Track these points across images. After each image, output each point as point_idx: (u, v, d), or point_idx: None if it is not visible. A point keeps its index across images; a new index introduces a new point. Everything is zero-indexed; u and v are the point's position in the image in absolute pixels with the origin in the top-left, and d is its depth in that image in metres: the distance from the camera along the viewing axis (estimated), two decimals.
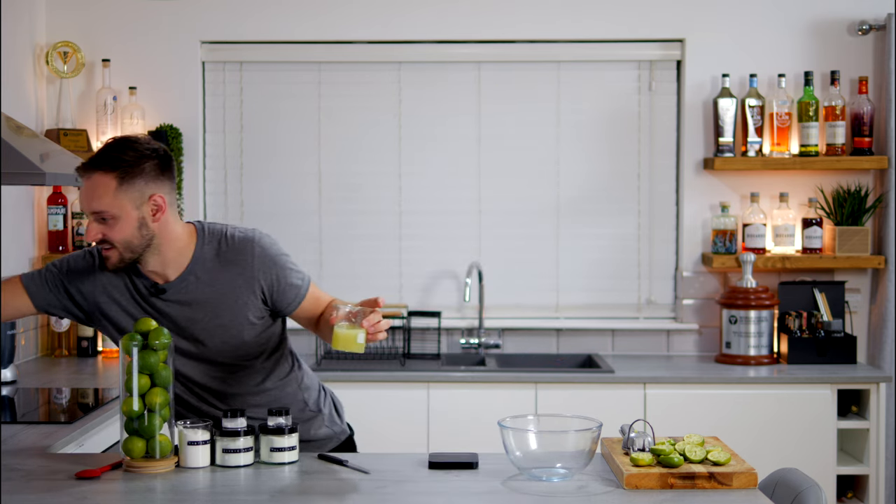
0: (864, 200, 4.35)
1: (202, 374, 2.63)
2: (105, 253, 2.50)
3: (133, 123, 4.38)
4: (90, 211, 2.45)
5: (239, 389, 2.65)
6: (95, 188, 2.44)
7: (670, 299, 4.55)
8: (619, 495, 2.25)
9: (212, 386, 2.65)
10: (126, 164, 2.44)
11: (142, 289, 2.57)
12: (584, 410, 2.93)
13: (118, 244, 2.47)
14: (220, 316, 2.57)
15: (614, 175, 4.53)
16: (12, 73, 4.13)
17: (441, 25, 4.47)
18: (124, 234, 2.46)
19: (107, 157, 2.45)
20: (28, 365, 4.14)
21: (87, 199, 2.45)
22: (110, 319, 2.61)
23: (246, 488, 2.30)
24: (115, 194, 2.43)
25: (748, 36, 4.44)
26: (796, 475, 2.44)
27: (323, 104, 4.52)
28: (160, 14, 4.46)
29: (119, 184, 2.43)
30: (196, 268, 2.56)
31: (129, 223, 2.46)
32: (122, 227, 2.46)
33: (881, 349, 4.31)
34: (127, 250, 2.48)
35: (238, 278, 2.56)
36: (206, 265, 2.56)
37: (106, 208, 2.44)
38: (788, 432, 3.98)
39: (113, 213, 2.44)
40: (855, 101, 4.36)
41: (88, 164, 2.45)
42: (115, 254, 2.49)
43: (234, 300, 2.57)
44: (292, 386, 2.72)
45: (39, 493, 2.26)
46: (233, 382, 2.64)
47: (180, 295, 2.56)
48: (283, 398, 2.70)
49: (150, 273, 2.56)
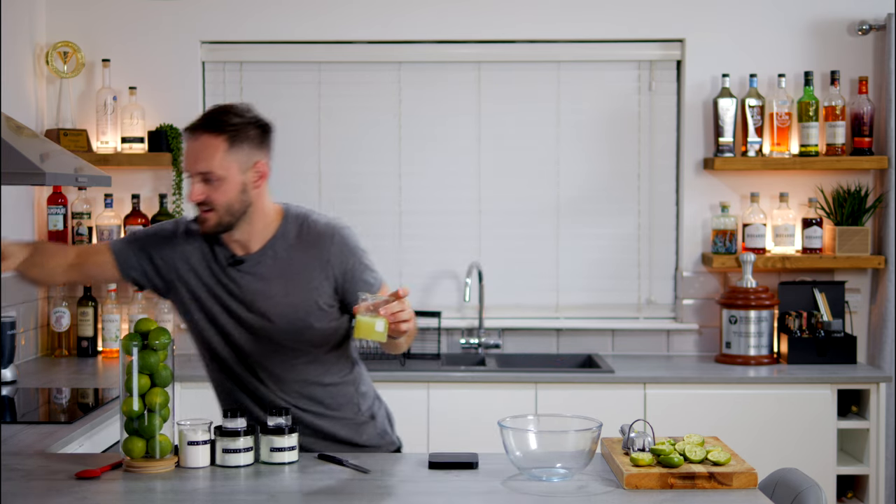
0: (864, 200, 4.35)
1: (263, 353, 2.61)
2: (204, 215, 2.52)
3: (133, 123, 4.38)
4: (197, 171, 2.48)
5: (297, 376, 2.63)
6: (205, 148, 2.47)
7: (670, 299, 4.55)
8: (619, 495, 2.25)
9: (272, 368, 2.62)
10: (235, 127, 2.49)
11: (220, 258, 2.60)
12: (584, 410, 2.92)
13: (220, 207, 2.50)
14: (292, 294, 2.58)
15: (614, 175, 4.53)
16: (12, 73, 4.13)
17: (441, 25, 4.47)
18: (228, 196, 2.49)
19: (217, 120, 2.49)
20: (28, 365, 4.14)
21: (194, 159, 2.48)
22: (187, 285, 2.62)
23: (246, 488, 2.30)
24: (224, 156, 2.47)
25: (748, 36, 4.44)
26: (796, 475, 2.44)
27: (323, 104, 4.52)
28: (160, 14, 4.46)
29: (228, 146, 2.48)
30: (277, 244, 2.59)
31: (233, 186, 2.49)
32: (227, 190, 2.49)
33: (881, 349, 4.31)
34: (227, 214, 2.51)
35: (315, 261, 2.58)
36: (287, 243, 2.59)
37: (215, 169, 2.47)
38: (788, 432, 3.98)
39: (220, 175, 2.47)
40: (855, 101, 4.36)
41: (198, 126, 2.50)
42: (214, 217, 2.51)
43: (308, 282, 2.58)
44: (350, 388, 2.70)
45: (39, 493, 2.26)
46: (292, 368, 2.62)
47: (257, 268, 2.58)
48: (339, 397, 2.68)
49: (233, 242, 2.59)
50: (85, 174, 3.14)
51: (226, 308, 2.60)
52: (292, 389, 2.63)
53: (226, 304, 2.60)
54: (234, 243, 2.60)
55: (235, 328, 2.60)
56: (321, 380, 2.65)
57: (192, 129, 2.51)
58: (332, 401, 2.67)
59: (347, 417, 2.69)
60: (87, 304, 4.39)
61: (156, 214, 4.41)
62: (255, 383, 2.63)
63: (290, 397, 2.63)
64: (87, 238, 4.39)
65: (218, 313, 2.61)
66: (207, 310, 2.61)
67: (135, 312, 4.39)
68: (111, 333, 4.38)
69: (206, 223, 2.52)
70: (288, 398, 2.62)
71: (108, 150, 4.39)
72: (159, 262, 2.65)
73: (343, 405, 2.68)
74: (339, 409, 2.68)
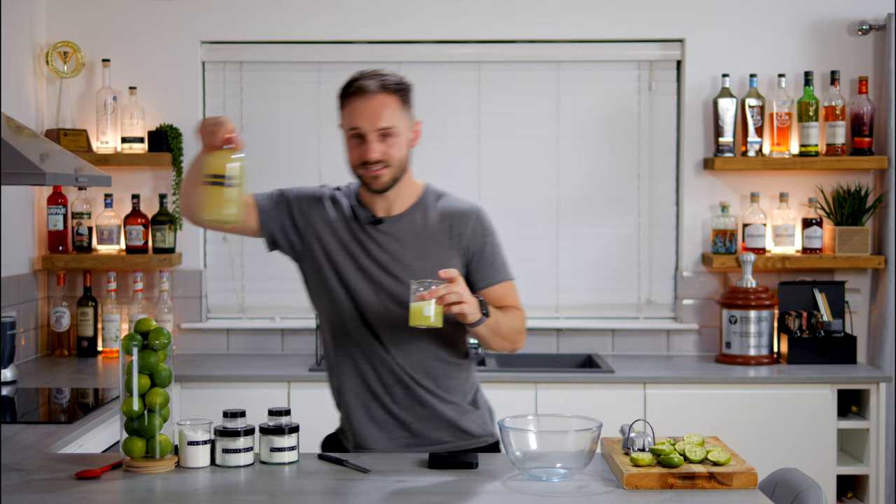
0: (864, 200, 4.35)
1: (390, 317, 2.63)
2: (378, 172, 2.60)
3: (133, 123, 4.38)
4: (377, 128, 2.57)
5: (419, 344, 2.65)
6: (384, 106, 2.58)
7: (670, 299, 4.55)
8: (619, 495, 2.25)
9: (395, 333, 2.63)
10: (402, 87, 2.63)
11: (361, 217, 2.68)
12: (584, 410, 2.92)
13: (394, 162, 2.60)
14: (425, 258, 2.63)
15: (614, 175, 4.53)
16: (12, 73, 4.13)
17: (441, 25, 4.47)
18: (401, 152, 2.62)
19: (386, 81, 2.61)
20: (28, 365, 4.14)
21: (375, 117, 2.57)
22: (322, 242, 2.67)
23: (246, 488, 2.30)
24: (400, 113, 2.61)
25: (748, 36, 4.44)
26: (796, 475, 2.44)
27: (323, 104, 4.52)
28: (160, 14, 4.46)
29: (400, 104, 2.61)
30: (418, 210, 2.68)
31: (404, 143, 2.62)
32: (400, 146, 2.61)
33: (881, 349, 4.31)
34: (398, 169, 2.62)
35: (450, 231, 2.66)
36: (426, 212, 2.68)
37: (395, 124, 2.59)
38: (788, 432, 3.98)
39: (397, 131, 2.59)
40: (855, 101, 4.36)
41: (371, 87, 2.59)
42: (389, 172, 2.61)
43: (442, 249, 2.65)
44: (463, 373, 2.73)
45: (39, 493, 2.26)
46: (416, 337, 2.64)
47: (395, 229, 2.66)
48: (451, 378, 2.70)
49: (376, 204, 2.67)
50: (85, 174, 3.14)
51: (359, 266, 2.65)
52: (413, 359, 2.66)
53: (360, 263, 2.65)
54: (377, 205, 2.68)
55: (366, 288, 2.64)
56: (440, 355, 2.68)
57: (364, 90, 2.59)
58: (445, 380, 2.68)
59: (455, 402, 2.70)
60: (87, 304, 4.39)
61: (156, 214, 4.41)
62: (379, 349, 2.65)
63: (409, 367, 2.65)
64: (87, 238, 4.39)
65: (349, 272, 2.65)
66: (340, 268, 2.65)
67: (135, 312, 4.39)
68: (111, 333, 4.38)
69: (380, 179, 2.61)
70: (407, 368, 2.65)
71: (108, 150, 4.39)
72: (298, 218, 2.70)
73: (453, 388, 2.70)
74: (449, 392, 2.69)
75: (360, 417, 2.68)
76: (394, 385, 2.65)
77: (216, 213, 2.45)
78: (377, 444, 2.66)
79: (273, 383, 4.01)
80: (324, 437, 2.84)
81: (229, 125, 2.45)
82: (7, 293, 4.05)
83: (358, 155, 2.61)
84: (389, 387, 2.65)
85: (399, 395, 2.66)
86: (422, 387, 2.66)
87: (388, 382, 2.64)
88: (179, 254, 4.46)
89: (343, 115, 2.65)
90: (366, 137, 2.58)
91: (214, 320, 4.56)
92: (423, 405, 2.67)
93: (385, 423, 2.67)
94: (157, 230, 4.39)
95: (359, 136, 2.60)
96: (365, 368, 2.66)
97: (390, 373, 2.65)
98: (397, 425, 2.67)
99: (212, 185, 2.43)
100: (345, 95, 2.64)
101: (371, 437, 2.67)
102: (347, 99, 2.63)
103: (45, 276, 4.44)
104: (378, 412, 2.67)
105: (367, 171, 2.60)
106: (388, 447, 2.66)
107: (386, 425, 2.67)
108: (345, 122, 2.64)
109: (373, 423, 2.67)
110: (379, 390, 2.66)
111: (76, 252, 4.40)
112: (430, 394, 2.67)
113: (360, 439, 2.68)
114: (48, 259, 4.33)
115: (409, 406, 2.66)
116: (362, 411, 2.67)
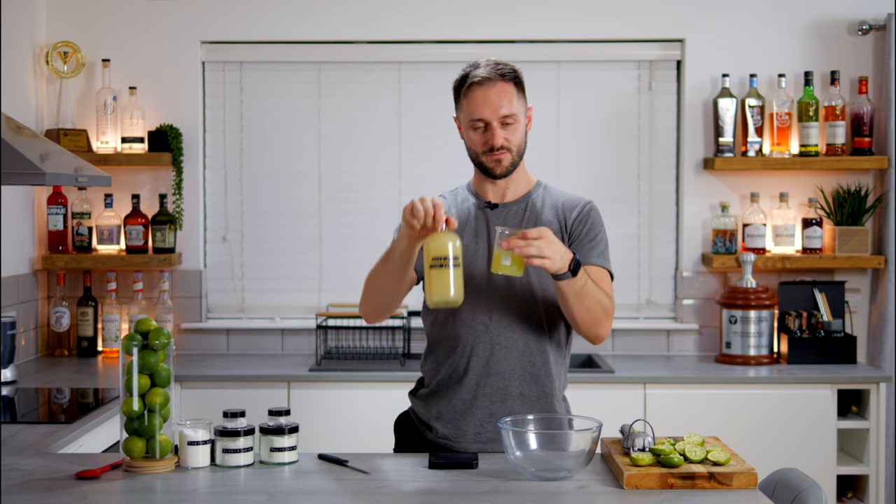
0: (864, 200, 4.35)
1: (498, 298, 2.66)
2: (500, 156, 2.67)
3: (133, 123, 4.38)
4: (499, 116, 2.64)
5: (527, 327, 2.68)
6: (504, 94, 2.66)
7: (670, 299, 4.55)
8: (619, 495, 2.25)
9: (501, 317, 2.67)
10: (517, 75, 2.70)
11: (479, 202, 2.77)
12: (584, 410, 2.92)
13: (515, 147, 2.69)
14: None
15: (614, 175, 4.53)
16: (12, 73, 4.13)
17: (441, 25, 4.47)
18: (521, 137, 2.70)
19: (503, 70, 2.67)
20: (28, 365, 4.14)
21: (496, 105, 2.64)
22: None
23: (246, 488, 2.30)
24: (517, 100, 2.68)
25: (748, 36, 4.44)
26: (796, 475, 2.44)
27: (323, 104, 4.53)
28: (160, 14, 4.46)
29: (517, 92, 2.69)
30: (529, 200, 2.76)
31: (522, 128, 2.70)
32: (519, 131, 2.69)
33: (881, 349, 4.31)
34: (517, 154, 2.70)
35: (558, 217, 2.73)
36: (537, 202, 2.76)
37: (515, 111, 2.66)
38: (788, 432, 3.98)
39: (517, 118, 2.67)
40: (855, 101, 4.36)
41: (490, 76, 2.65)
42: (509, 157, 2.68)
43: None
44: (559, 366, 2.75)
45: (39, 493, 2.26)
46: (525, 316, 2.67)
47: (507, 214, 2.74)
48: (548, 365, 2.71)
49: (490, 190, 2.76)
50: (85, 174, 3.14)
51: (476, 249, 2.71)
52: (517, 343, 2.67)
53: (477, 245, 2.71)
54: (490, 193, 2.76)
55: (478, 270, 2.68)
56: (546, 339, 2.70)
57: (484, 80, 2.65)
58: (542, 367, 2.69)
59: (547, 390, 2.71)
60: (87, 304, 4.39)
61: (156, 214, 4.41)
62: (486, 336, 2.67)
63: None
64: (87, 238, 4.39)
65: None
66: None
67: (135, 312, 4.39)
68: (111, 333, 4.38)
69: (502, 163, 2.68)
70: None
71: (108, 150, 4.39)
72: None
73: (545, 376, 2.70)
74: (541, 380, 2.70)
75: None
76: None
77: (445, 296, 2.42)
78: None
79: (273, 383, 4.01)
80: (397, 416, 2.90)
81: (441, 206, 2.47)
82: (7, 293, 4.05)
83: (483, 142, 2.67)
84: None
85: None
86: (518, 375, 2.70)
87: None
88: (179, 254, 4.46)
89: (462, 106, 2.70)
90: (490, 125, 2.65)
91: (214, 320, 4.56)
92: (521, 388, 2.69)
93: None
94: (157, 230, 4.40)
95: (481, 125, 2.66)
96: (475, 357, 2.69)
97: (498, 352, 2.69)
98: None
99: (439, 269, 2.41)
100: (464, 87, 2.69)
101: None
102: (467, 90, 2.68)
103: (45, 276, 4.45)
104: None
105: (490, 156, 2.67)
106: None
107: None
108: (465, 112, 2.70)
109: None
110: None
111: (76, 252, 4.40)
112: (525, 381, 2.71)
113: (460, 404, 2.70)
114: (48, 259, 4.33)
115: (506, 390, 2.69)
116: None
